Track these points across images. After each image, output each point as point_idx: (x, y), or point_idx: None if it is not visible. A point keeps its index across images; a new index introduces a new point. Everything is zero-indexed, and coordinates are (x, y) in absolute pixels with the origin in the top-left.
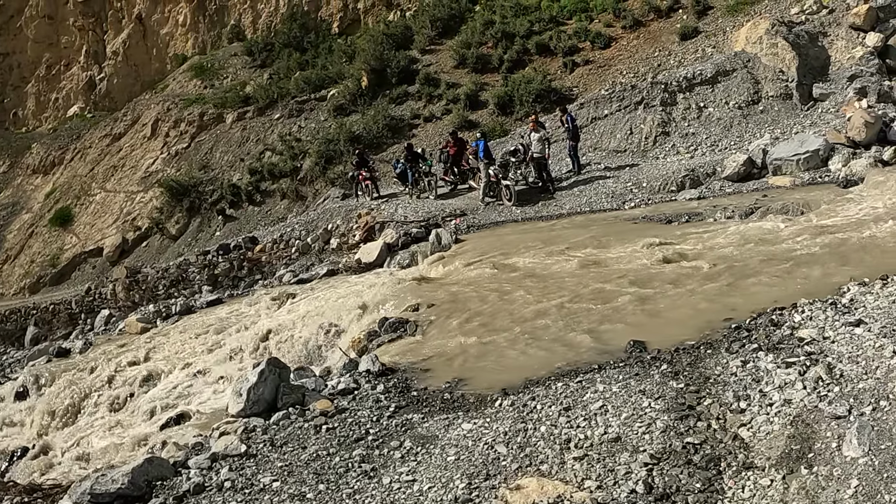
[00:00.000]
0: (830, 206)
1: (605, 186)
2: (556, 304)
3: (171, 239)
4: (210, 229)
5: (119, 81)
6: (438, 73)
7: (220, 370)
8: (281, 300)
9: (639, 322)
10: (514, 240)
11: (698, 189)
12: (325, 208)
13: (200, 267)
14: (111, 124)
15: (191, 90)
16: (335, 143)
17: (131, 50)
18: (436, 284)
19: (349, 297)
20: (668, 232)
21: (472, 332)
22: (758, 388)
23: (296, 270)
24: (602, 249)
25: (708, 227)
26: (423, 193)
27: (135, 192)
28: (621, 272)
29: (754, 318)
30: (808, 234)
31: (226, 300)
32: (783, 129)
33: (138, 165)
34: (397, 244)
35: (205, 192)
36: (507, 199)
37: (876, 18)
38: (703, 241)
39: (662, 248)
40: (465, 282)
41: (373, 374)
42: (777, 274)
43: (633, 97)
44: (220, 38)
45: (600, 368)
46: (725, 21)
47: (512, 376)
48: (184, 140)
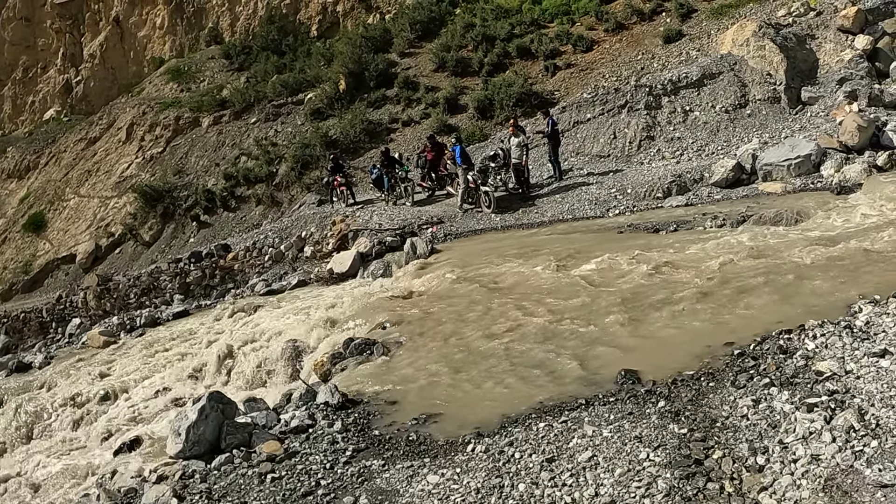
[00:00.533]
0: (827, 215)
1: (587, 193)
2: (539, 324)
3: (144, 245)
4: (184, 236)
5: (96, 84)
6: (417, 76)
7: (181, 389)
8: (248, 313)
9: (629, 346)
10: (494, 249)
11: (685, 196)
12: (299, 215)
13: (172, 275)
14: (86, 128)
15: (167, 93)
16: (311, 148)
17: (108, 53)
18: (409, 298)
19: (317, 312)
20: (655, 241)
21: (445, 357)
22: (776, 437)
23: (268, 279)
24: (586, 260)
25: (698, 237)
26: (399, 200)
27: (109, 197)
28: (608, 286)
29: (759, 343)
30: (807, 245)
31: (193, 312)
32: (772, 133)
33: (113, 170)
34: (371, 253)
35: (179, 197)
36: (486, 206)
37: (864, 21)
38: (694, 252)
39: (651, 259)
40: (439, 295)
41: (331, 408)
42: (777, 289)
43: (617, 100)
44: (198, 41)
45: (588, 404)
46: (710, 24)
47: (487, 411)
48: (159, 144)
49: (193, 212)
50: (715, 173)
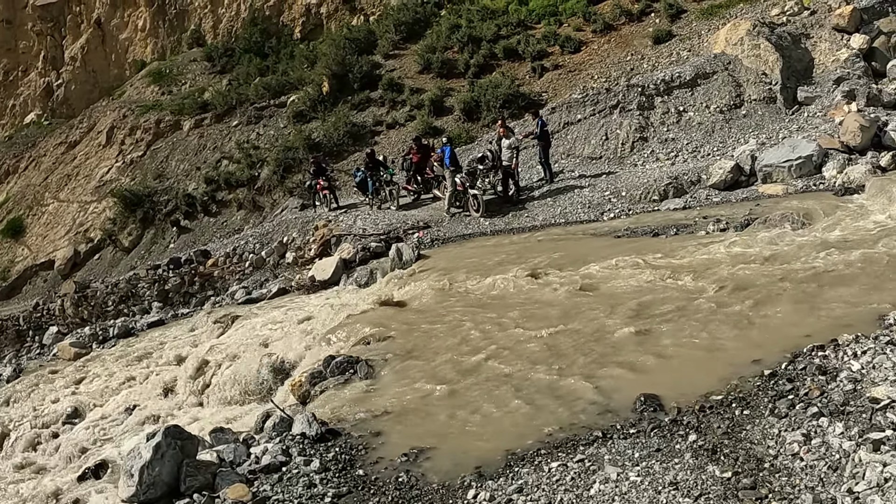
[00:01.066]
0: (835, 217)
1: (580, 196)
2: (540, 339)
3: (124, 251)
4: (164, 241)
5: (77, 88)
6: (402, 78)
7: (152, 406)
8: (225, 323)
9: (645, 365)
10: (484, 256)
11: (683, 198)
12: (281, 219)
13: (150, 282)
14: (67, 132)
15: (148, 96)
16: (294, 151)
17: (90, 55)
18: (394, 309)
19: (296, 323)
20: (656, 247)
21: (437, 377)
22: (842, 483)
23: (249, 287)
24: (585, 268)
25: (701, 241)
26: (384, 204)
27: (88, 202)
28: (613, 296)
29: (791, 362)
30: (820, 250)
31: (168, 321)
32: (769, 133)
33: (92, 174)
34: (355, 260)
35: (159, 202)
36: (474, 209)
37: (860, 20)
38: (701, 258)
39: (655, 266)
40: (428, 307)
41: (309, 440)
42: (798, 299)
43: (608, 101)
44: (180, 44)
45: (605, 437)
46: (700, 24)
47: (489, 445)
48: (139, 148)
49: (173, 217)
50: (713, 175)
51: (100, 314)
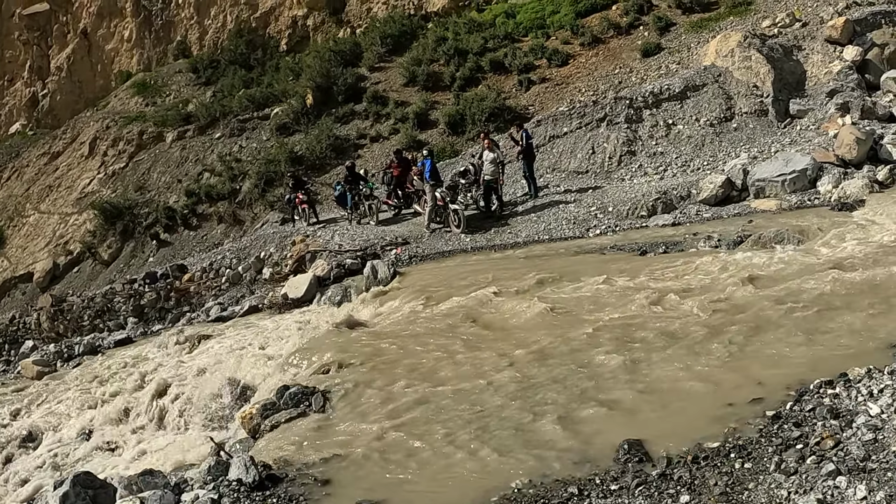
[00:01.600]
0: (833, 235)
1: (565, 211)
2: (514, 371)
3: (103, 264)
4: (143, 255)
5: (62, 98)
6: (387, 91)
7: (109, 432)
8: (192, 343)
9: (629, 403)
10: (463, 274)
11: (672, 214)
12: (260, 234)
13: (126, 297)
14: (50, 142)
15: (132, 107)
16: (276, 164)
17: (75, 66)
18: (363, 332)
19: (261, 346)
20: (644, 265)
21: (398, 413)
22: None
23: (225, 303)
24: (568, 288)
25: (692, 260)
26: (363, 219)
27: (69, 213)
28: (596, 321)
29: (797, 401)
30: (821, 270)
31: (137, 339)
32: (760, 147)
33: (74, 186)
34: (329, 277)
35: (140, 215)
36: (455, 225)
37: (852, 31)
38: (691, 278)
39: (643, 287)
40: (398, 330)
41: (245, 487)
42: (799, 325)
43: (595, 113)
44: (166, 55)
45: (582, 494)
46: (689, 37)
47: (447, 501)
48: (122, 159)
49: (153, 230)
50: (703, 190)
51: (76, 329)
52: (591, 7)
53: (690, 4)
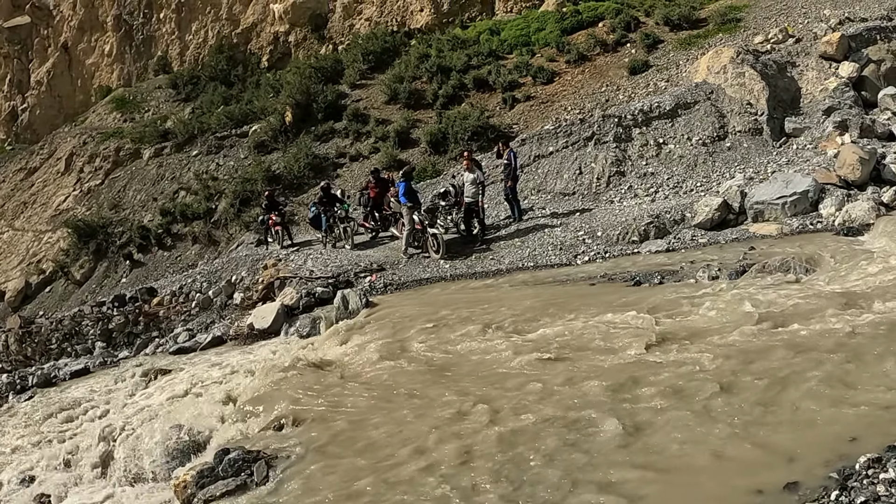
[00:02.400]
0: (844, 264)
1: (551, 236)
2: (494, 435)
3: (75, 284)
4: (116, 275)
5: (42, 113)
6: (368, 108)
7: (50, 480)
8: (149, 378)
9: (631, 486)
10: (439, 305)
11: (665, 239)
12: (233, 256)
13: (95, 320)
14: (27, 157)
15: (110, 123)
16: (252, 183)
17: (55, 80)
18: (327, 375)
19: (218, 385)
20: (637, 298)
21: (354, 493)
22: None
23: (194, 329)
24: (553, 326)
25: (691, 292)
26: (338, 242)
27: (43, 231)
28: (587, 369)
29: (842, 489)
30: (837, 306)
31: (95, 370)
32: (756, 167)
33: (49, 202)
34: (298, 306)
35: (114, 233)
36: (434, 250)
37: (848, 47)
38: (692, 315)
39: (638, 327)
40: (364, 374)
41: None
42: (827, 378)
43: (583, 132)
44: (147, 70)
45: None
46: (678, 54)
47: None
48: (98, 176)
49: (127, 250)
50: (698, 213)
51: (43, 352)
52: (578, 24)
53: (678, 21)
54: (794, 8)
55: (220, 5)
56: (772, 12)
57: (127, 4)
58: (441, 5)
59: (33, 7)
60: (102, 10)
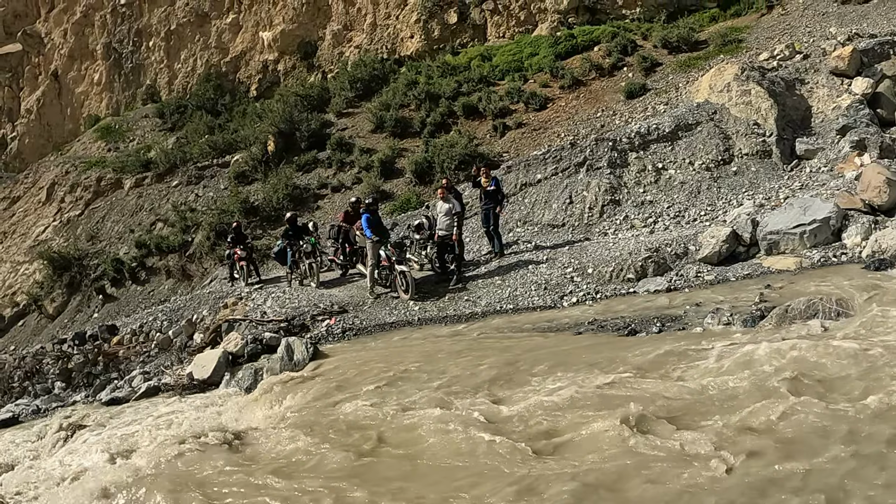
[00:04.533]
0: (883, 305)
1: (535, 273)
2: None
3: (49, 318)
4: (89, 310)
5: (31, 141)
6: (353, 137)
7: None
8: (69, 433)
9: None
10: (396, 358)
11: (666, 277)
12: (197, 293)
13: (55, 358)
14: (11, 187)
15: (94, 152)
16: (229, 216)
17: (45, 108)
18: (241, 456)
19: (118, 456)
20: (634, 355)
21: None
22: None
23: (150, 372)
24: (526, 395)
25: (699, 346)
26: (305, 279)
27: (21, 262)
28: (568, 461)
29: None
30: (890, 364)
31: (25, 420)
32: (766, 193)
33: (29, 233)
34: (243, 354)
35: (89, 266)
36: (402, 290)
37: (860, 63)
38: (705, 381)
39: (636, 397)
40: (288, 454)
41: None
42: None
43: (574, 157)
44: (135, 99)
45: None
46: (677, 77)
47: None
48: (78, 206)
49: (100, 283)
50: (703, 246)
51: (6, 390)
52: (572, 49)
53: (677, 43)
54: (797, 27)
55: (209, 34)
56: (774, 32)
57: (116, 33)
58: (432, 32)
59: (25, 35)
60: (93, 38)
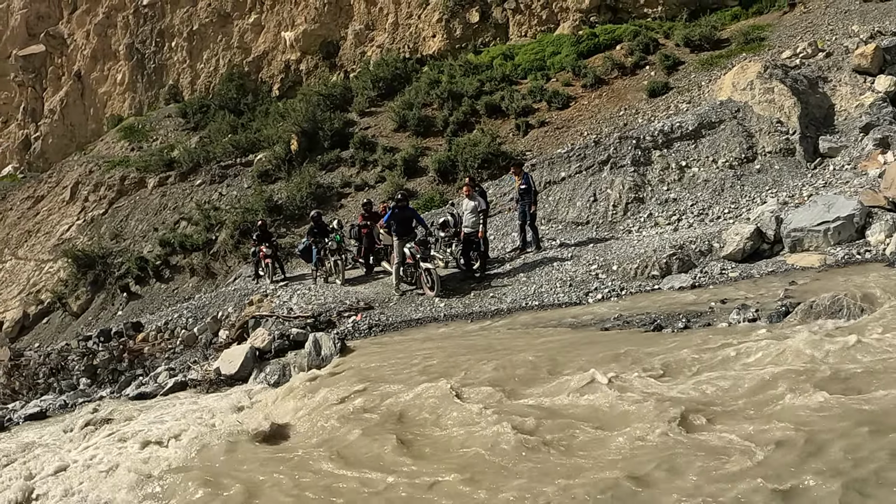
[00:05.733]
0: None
1: (560, 270)
2: None
3: (73, 316)
4: (113, 307)
5: (54, 141)
6: (376, 136)
7: None
8: (94, 428)
9: None
10: (423, 354)
11: (690, 273)
12: (221, 290)
13: (80, 355)
14: (35, 186)
15: (118, 152)
16: (253, 214)
17: (68, 109)
18: (266, 452)
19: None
20: (659, 350)
21: None
22: None
23: (176, 369)
24: (547, 390)
25: (724, 339)
26: (330, 276)
27: (45, 260)
28: (597, 457)
29: None
30: None
31: (53, 414)
32: (790, 191)
33: (53, 231)
34: (270, 350)
35: (113, 264)
36: (427, 287)
37: (883, 60)
38: (732, 374)
39: (663, 393)
40: (311, 447)
41: None
42: None
43: (597, 155)
44: (158, 99)
45: None
46: (699, 75)
47: None
48: (102, 205)
49: (124, 281)
50: (727, 243)
51: (31, 386)
52: (594, 47)
53: (699, 42)
54: (819, 25)
55: (231, 34)
56: (797, 30)
57: (139, 33)
58: (454, 31)
59: (48, 36)
60: (115, 38)
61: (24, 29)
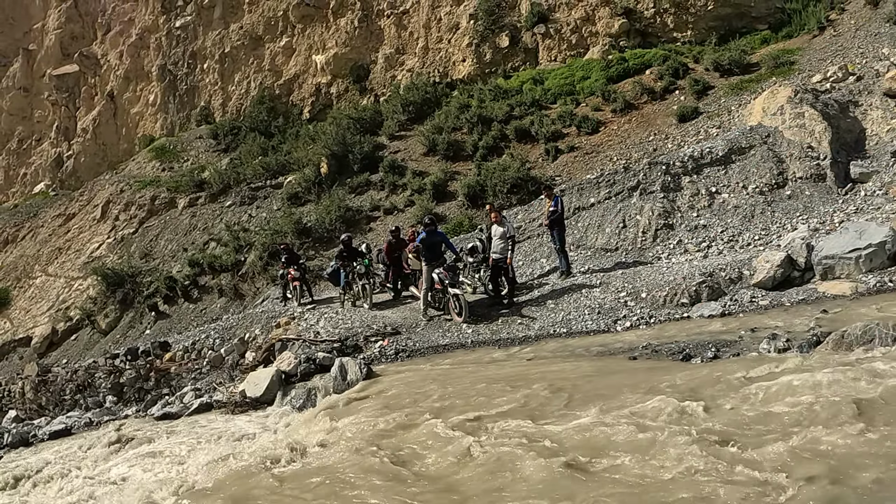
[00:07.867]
0: None
1: (589, 297)
2: None
3: (101, 333)
4: (141, 326)
5: (86, 160)
6: (406, 160)
7: None
8: (121, 445)
9: None
10: (449, 381)
11: (720, 301)
12: (249, 312)
13: (107, 372)
14: (66, 204)
15: (148, 172)
16: (282, 236)
17: (101, 128)
18: (287, 478)
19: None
20: (688, 379)
21: None
22: None
23: (202, 389)
24: (583, 418)
25: (755, 370)
26: (358, 300)
27: (75, 278)
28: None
29: None
30: None
31: (78, 431)
32: (821, 217)
33: (83, 249)
34: (296, 373)
35: (142, 283)
36: (455, 312)
37: None
38: (761, 407)
39: (688, 426)
40: (342, 472)
41: None
42: None
43: (627, 181)
44: (189, 120)
45: None
46: (729, 100)
47: None
48: (132, 224)
49: (153, 300)
50: (758, 270)
51: (57, 402)
52: (624, 72)
53: (729, 66)
54: (850, 49)
55: (262, 56)
56: (826, 53)
57: (171, 55)
58: (484, 55)
59: (81, 56)
60: (148, 60)
61: (59, 49)
